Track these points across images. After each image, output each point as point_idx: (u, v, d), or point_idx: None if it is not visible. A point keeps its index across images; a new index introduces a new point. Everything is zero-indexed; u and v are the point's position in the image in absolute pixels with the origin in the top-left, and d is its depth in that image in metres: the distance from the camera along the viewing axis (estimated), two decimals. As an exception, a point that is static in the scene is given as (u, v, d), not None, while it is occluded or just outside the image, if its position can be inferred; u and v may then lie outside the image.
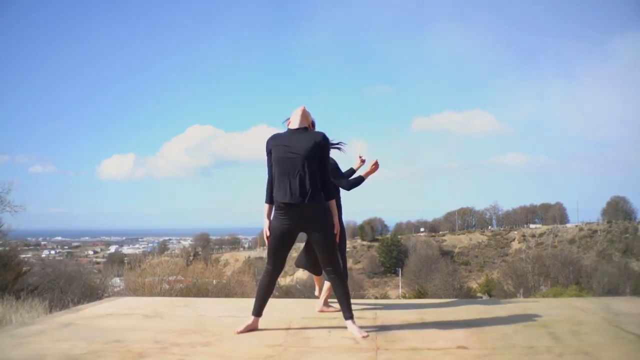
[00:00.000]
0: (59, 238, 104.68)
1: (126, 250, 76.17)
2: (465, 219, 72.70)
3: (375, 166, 3.88)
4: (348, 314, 3.17)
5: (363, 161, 4.05)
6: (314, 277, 4.09)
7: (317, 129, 3.39)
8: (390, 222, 73.35)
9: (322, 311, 3.88)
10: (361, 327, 3.21)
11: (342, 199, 3.84)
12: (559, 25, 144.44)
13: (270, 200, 3.17)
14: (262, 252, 69.45)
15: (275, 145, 3.10)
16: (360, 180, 3.83)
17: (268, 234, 3.23)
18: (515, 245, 59.88)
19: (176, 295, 10.56)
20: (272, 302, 4.86)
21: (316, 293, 4.09)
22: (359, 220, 67.60)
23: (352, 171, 4.07)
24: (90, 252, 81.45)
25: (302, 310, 3.97)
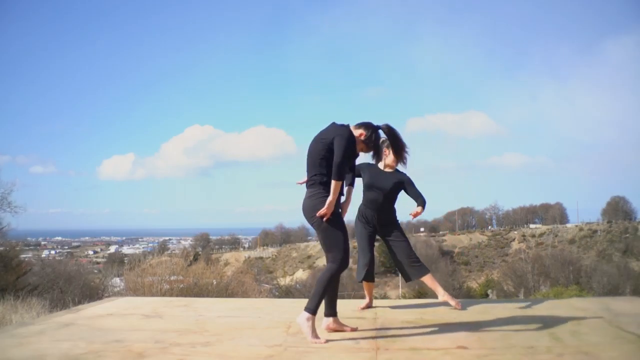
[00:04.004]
0: (59, 238, 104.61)
1: (126, 250, 76.14)
2: (465, 219, 72.66)
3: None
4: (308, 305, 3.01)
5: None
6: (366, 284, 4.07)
7: (315, 128, 3.35)
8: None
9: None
10: (361, 328, 3.21)
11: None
12: (551, 28, 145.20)
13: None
14: (262, 252, 69.50)
15: None
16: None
17: None
18: (515, 245, 59.78)
19: (176, 295, 10.56)
20: (272, 302, 4.88)
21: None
22: (359, 220, 67.47)
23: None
24: (90, 252, 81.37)
25: (302, 311, 3.96)
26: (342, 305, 4.20)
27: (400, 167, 3.99)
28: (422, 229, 70.31)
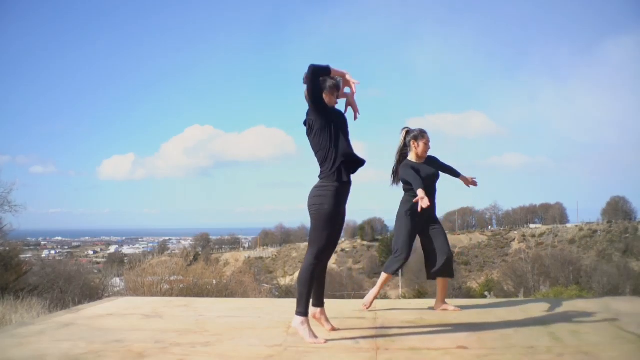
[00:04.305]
0: (59, 238, 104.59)
1: (126, 250, 76.10)
2: (465, 219, 72.59)
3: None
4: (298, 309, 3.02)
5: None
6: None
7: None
8: (390, 222, 73.21)
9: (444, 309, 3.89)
10: (361, 328, 3.21)
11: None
12: (551, 28, 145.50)
13: None
14: (262, 252, 69.48)
15: None
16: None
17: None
18: (515, 245, 59.79)
19: (176, 295, 10.55)
20: (272, 302, 4.88)
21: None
22: (359, 220, 67.66)
23: None
24: (90, 252, 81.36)
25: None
26: (342, 305, 4.22)
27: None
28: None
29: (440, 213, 4.37)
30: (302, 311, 2.98)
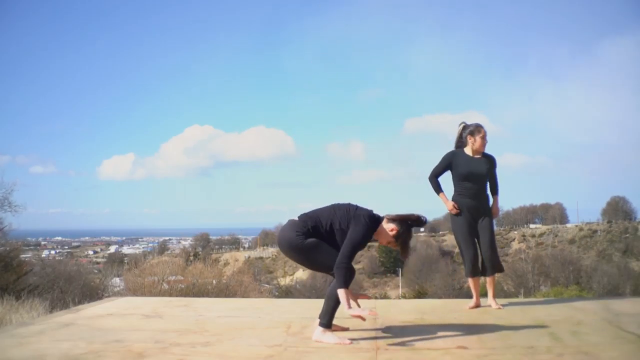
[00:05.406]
0: (59, 238, 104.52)
1: (126, 250, 76.18)
2: (465, 219, 72.46)
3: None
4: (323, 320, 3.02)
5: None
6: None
7: (314, 129, 3.32)
8: (389, 222, 73.18)
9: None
10: (361, 328, 3.21)
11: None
12: (551, 28, 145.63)
13: None
14: (262, 252, 69.46)
15: None
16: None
17: None
18: (515, 245, 59.79)
19: (176, 295, 10.55)
20: (272, 302, 4.88)
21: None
22: (359, 220, 67.46)
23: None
24: (90, 252, 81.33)
25: (302, 310, 3.97)
26: (342, 305, 4.20)
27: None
28: (422, 229, 70.32)
29: (440, 213, 4.40)
30: (326, 323, 2.97)
